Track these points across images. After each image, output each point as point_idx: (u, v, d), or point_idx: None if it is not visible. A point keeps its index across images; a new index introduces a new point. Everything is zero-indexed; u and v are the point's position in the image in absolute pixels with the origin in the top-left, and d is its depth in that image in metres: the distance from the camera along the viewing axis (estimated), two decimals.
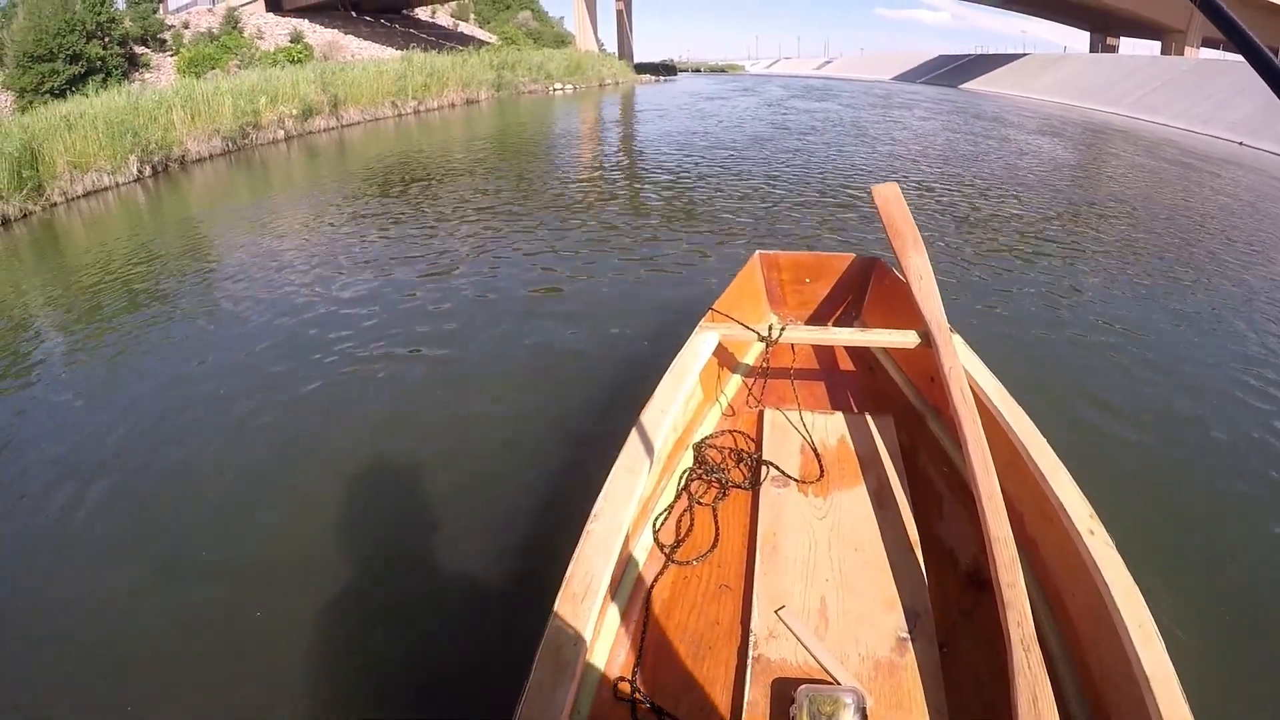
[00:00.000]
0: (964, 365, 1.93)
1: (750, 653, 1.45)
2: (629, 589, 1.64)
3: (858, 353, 2.63)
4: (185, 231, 7.04)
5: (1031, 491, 1.60)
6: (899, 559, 1.64)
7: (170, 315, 4.66)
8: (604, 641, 1.49)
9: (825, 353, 2.64)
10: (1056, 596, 1.50)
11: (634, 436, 1.75)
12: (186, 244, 6.58)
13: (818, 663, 1.42)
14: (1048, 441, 1.66)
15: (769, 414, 2.25)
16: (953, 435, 1.99)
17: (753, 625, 1.51)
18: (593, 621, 1.29)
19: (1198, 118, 15.49)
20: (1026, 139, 12.63)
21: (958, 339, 2.07)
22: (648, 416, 1.83)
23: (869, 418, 2.19)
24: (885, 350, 2.52)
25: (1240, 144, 13.14)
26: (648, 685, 1.42)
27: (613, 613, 1.55)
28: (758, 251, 2.95)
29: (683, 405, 1.99)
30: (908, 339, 2.16)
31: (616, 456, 1.67)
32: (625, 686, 1.40)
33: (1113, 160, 11.11)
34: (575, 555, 1.41)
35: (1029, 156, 10.73)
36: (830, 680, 1.38)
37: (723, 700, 1.40)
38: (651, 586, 1.65)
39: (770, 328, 2.28)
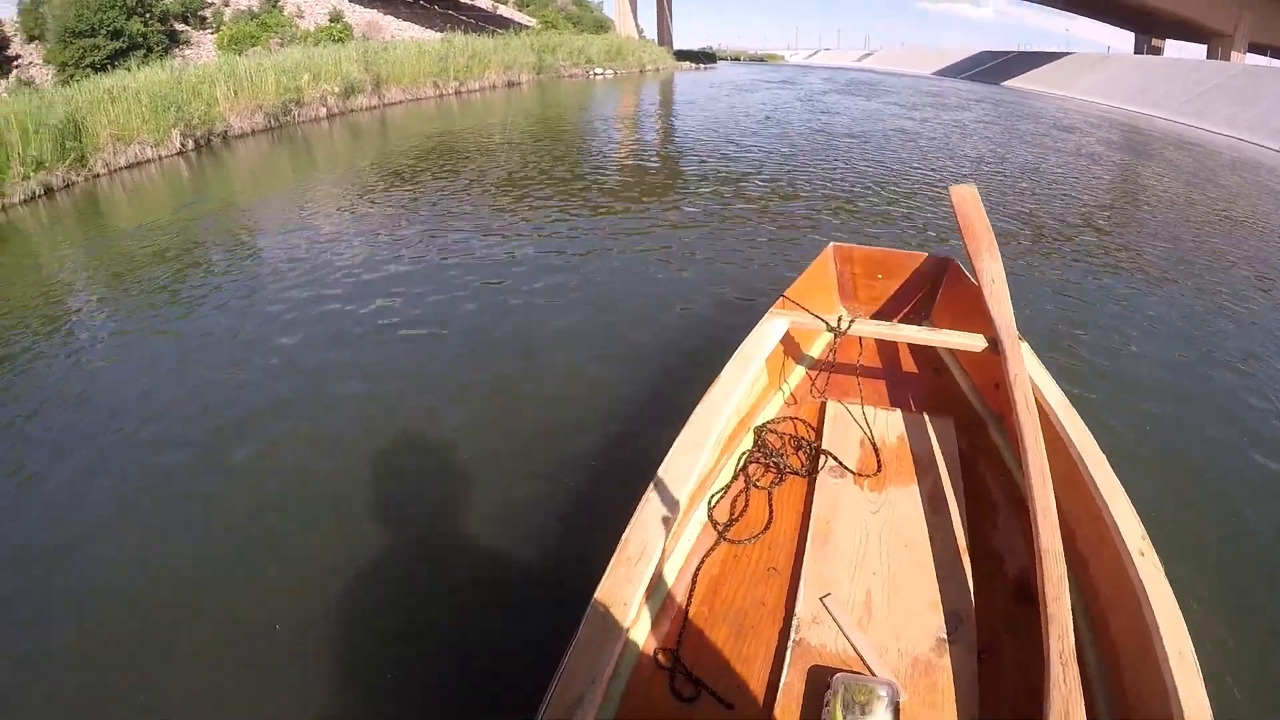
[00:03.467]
0: (1030, 374, 1.90)
1: (792, 636, 1.47)
2: (680, 561, 1.68)
3: (924, 353, 2.59)
4: (227, 202, 6.94)
5: (1086, 508, 1.58)
6: (947, 561, 1.64)
7: (209, 283, 4.56)
8: (651, 608, 1.53)
9: (891, 349, 2.62)
10: (1101, 616, 1.47)
11: (697, 414, 1.79)
12: (228, 214, 6.48)
13: (856, 653, 1.43)
14: (1107, 458, 1.63)
15: (831, 405, 2.26)
16: (1012, 444, 1.99)
17: (797, 609, 1.53)
18: (643, 587, 1.32)
19: (1245, 125, 14.84)
20: (1107, 152, 11.77)
21: (1026, 347, 2.04)
22: (712, 397, 1.86)
23: (931, 418, 2.17)
24: (951, 352, 2.50)
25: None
26: (688, 656, 1.45)
27: (662, 582, 1.60)
28: (831, 243, 2.91)
29: (747, 389, 2.01)
30: (975, 342, 2.13)
31: (679, 432, 1.71)
32: (665, 656, 1.44)
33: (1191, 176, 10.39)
34: (632, 521, 1.45)
35: (1133, 182, 9.97)
36: (867, 671, 1.39)
37: (759, 679, 1.42)
38: (702, 561, 1.68)
39: (839, 319, 2.27)
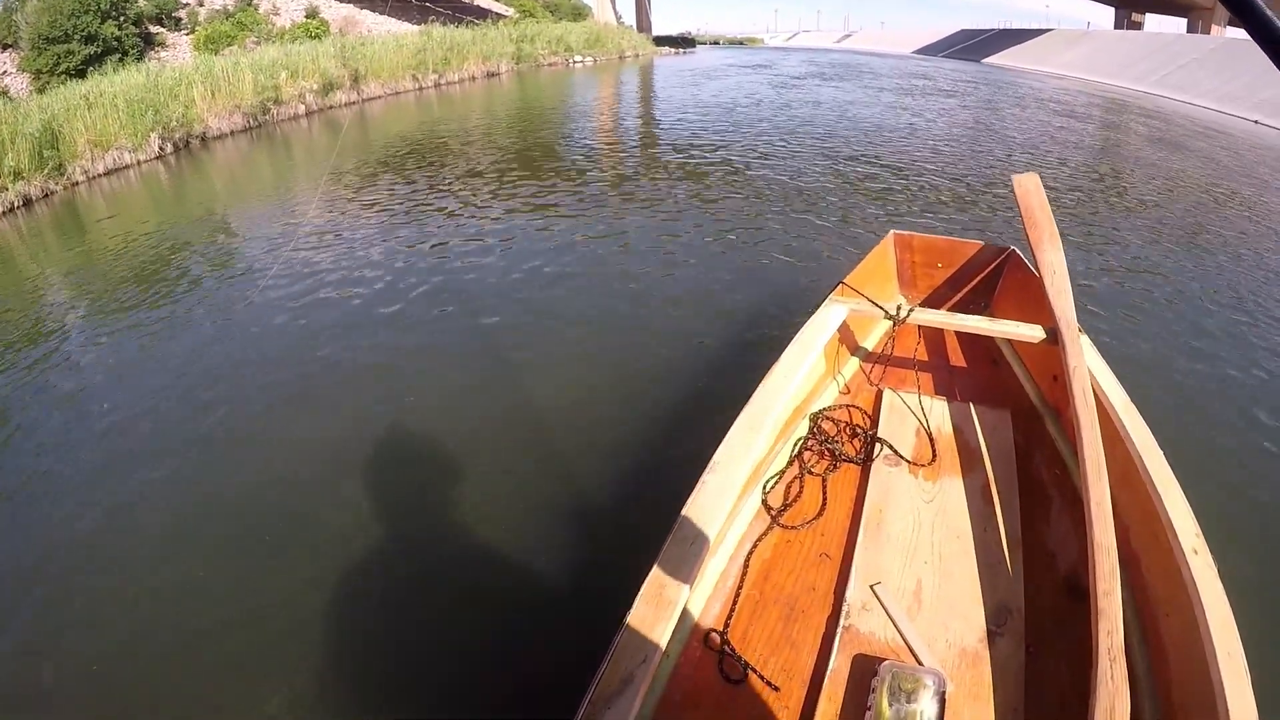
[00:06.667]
0: (1089, 367, 1.88)
1: (841, 622, 1.49)
2: (732, 545, 1.69)
3: (982, 344, 2.57)
4: (207, 207, 6.92)
5: (1141, 505, 1.56)
6: (998, 554, 1.64)
7: (193, 294, 4.55)
8: (702, 590, 1.54)
9: (949, 340, 2.61)
10: (1151, 616, 1.46)
11: (755, 399, 1.80)
12: (208, 220, 6.48)
13: (904, 642, 1.44)
14: (1164, 455, 1.61)
15: (888, 394, 2.25)
16: (1069, 438, 1.96)
17: (847, 596, 1.54)
18: (695, 570, 1.33)
19: (1226, 96, 14.95)
20: (1144, 148, 10.90)
21: (1085, 340, 2.00)
22: (770, 382, 1.88)
23: (987, 410, 2.16)
24: (1010, 344, 2.49)
25: (1256, 122, 12.67)
26: (737, 639, 1.47)
27: (714, 564, 1.61)
28: (892, 231, 2.88)
29: (804, 376, 2.01)
30: (1034, 333, 2.10)
31: (736, 417, 1.72)
32: (715, 637, 1.46)
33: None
34: (687, 505, 1.46)
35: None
36: (915, 660, 1.40)
37: (806, 664, 1.44)
38: (754, 546, 1.69)
39: (899, 307, 2.25)
